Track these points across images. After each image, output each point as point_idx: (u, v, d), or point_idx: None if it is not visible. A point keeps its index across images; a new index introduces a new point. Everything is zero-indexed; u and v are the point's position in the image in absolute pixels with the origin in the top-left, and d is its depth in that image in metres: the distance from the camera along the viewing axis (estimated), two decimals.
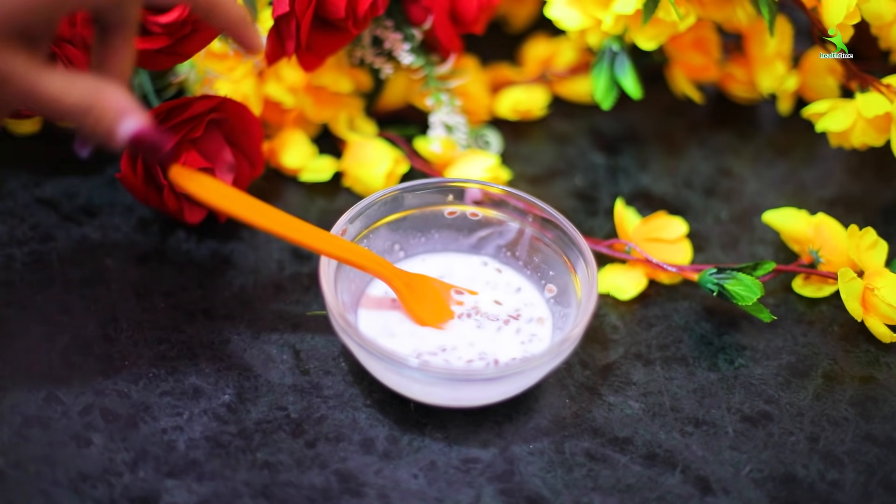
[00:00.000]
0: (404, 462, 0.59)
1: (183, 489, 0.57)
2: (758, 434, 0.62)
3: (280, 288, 0.68)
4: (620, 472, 0.60)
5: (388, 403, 0.62)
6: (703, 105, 0.83)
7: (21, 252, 0.69)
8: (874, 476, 0.60)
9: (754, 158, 0.82)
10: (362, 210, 0.65)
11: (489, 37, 0.83)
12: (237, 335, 0.65)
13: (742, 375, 0.65)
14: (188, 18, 0.58)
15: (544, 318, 0.65)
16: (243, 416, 0.61)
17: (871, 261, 0.66)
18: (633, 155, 0.81)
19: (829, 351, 0.67)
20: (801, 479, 0.60)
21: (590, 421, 0.62)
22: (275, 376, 0.63)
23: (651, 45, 0.72)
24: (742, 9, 0.73)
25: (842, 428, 0.63)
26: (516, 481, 0.59)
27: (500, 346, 0.63)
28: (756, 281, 0.65)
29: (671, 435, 0.62)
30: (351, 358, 0.64)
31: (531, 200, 0.66)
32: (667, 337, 0.68)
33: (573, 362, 0.65)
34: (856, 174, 0.80)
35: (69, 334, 0.64)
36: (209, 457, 0.59)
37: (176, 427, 0.60)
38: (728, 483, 0.59)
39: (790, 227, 0.71)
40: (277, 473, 0.58)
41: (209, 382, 0.62)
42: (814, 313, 0.70)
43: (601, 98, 0.74)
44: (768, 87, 0.79)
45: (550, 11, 0.73)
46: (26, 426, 0.59)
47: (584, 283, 0.63)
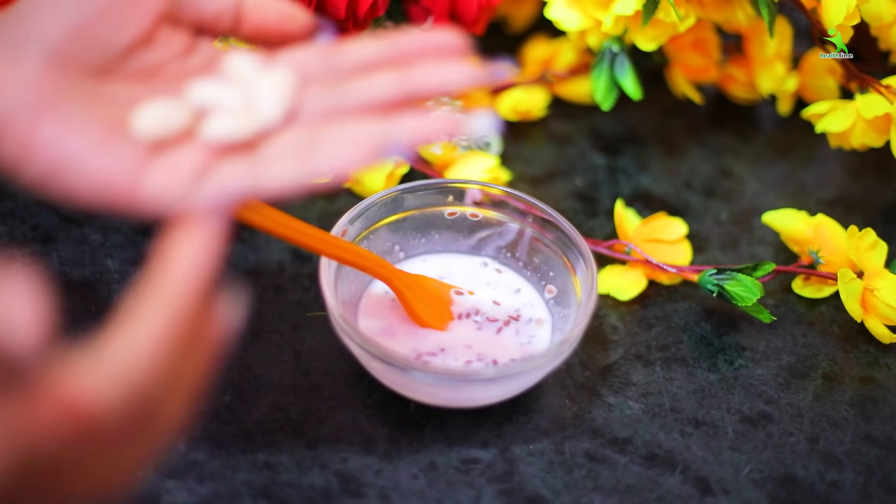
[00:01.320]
0: (404, 462, 0.59)
1: (183, 490, 0.57)
2: (757, 435, 0.62)
3: (280, 289, 0.68)
4: (620, 473, 0.60)
5: (389, 404, 0.62)
6: (702, 106, 0.83)
7: (21, 253, 0.68)
8: (874, 477, 0.60)
9: (754, 159, 0.81)
10: (362, 211, 0.65)
11: (489, 37, 0.83)
12: (237, 336, 0.65)
13: (742, 376, 0.65)
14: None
15: (544, 318, 0.65)
16: (244, 416, 0.61)
17: (871, 262, 0.66)
18: (633, 156, 0.81)
19: (828, 352, 0.67)
20: (801, 480, 0.60)
21: (590, 421, 0.62)
22: (275, 377, 0.63)
23: (651, 47, 0.72)
24: (742, 10, 0.73)
25: (841, 428, 0.63)
26: (516, 482, 0.59)
27: (499, 346, 0.63)
28: (756, 282, 0.65)
29: (671, 435, 0.62)
30: (351, 358, 0.64)
31: (531, 201, 0.66)
32: (667, 338, 0.68)
33: (573, 363, 0.65)
34: (856, 175, 0.80)
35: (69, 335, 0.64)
36: (209, 457, 0.59)
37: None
38: (728, 484, 0.59)
39: (790, 228, 0.71)
40: (278, 474, 0.58)
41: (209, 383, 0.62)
42: (813, 314, 0.70)
43: (601, 99, 0.74)
44: (768, 88, 0.79)
45: (550, 12, 0.73)
46: None
47: (583, 284, 0.63)
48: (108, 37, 0.47)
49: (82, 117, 0.45)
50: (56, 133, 0.44)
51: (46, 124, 0.44)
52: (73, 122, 0.44)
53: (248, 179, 0.45)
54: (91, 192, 0.44)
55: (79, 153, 0.44)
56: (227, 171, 0.45)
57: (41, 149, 0.44)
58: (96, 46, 0.46)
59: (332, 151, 0.45)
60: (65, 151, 0.44)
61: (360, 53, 0.48)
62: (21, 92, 0.44)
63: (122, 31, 0.47)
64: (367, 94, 0.47)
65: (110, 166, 0.44)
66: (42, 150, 0.44)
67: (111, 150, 0.44)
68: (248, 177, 0.45)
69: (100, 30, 0.46)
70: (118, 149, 0.44)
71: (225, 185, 0.44)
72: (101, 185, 0.44)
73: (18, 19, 0.46)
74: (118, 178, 0.44)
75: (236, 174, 0.45)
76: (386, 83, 0.47)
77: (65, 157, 0.44)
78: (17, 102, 0.44)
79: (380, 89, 0.47)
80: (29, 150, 0.44)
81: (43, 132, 0.44)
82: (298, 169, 0.45)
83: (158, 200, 0.44)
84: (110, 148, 0.44)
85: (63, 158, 0.44)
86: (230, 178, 0.45)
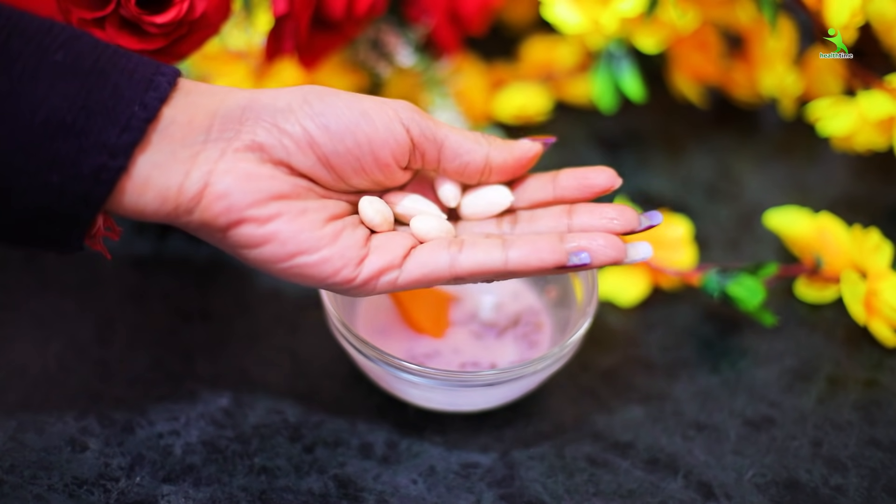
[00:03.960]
0: (403, 467, 0.59)
1: (180, 494, 0.57)
2: (760, 438, 0.62)
3: (278, 292, 0.68)
4: (622, 477, 0.59)
5: (387, 407, 0.62)
6: (704, 106, 0.83)
7: (16, 255, 0.68)
8: (878, 481, 0.60)
9: (756, 160, 0.81)
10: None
11: (489, 37, 0.82)
12: (235, 339, 0.65)
13: (744, 379, 0.65)
14: (184, 20, 0.58)
15: (544, 322, 0.65)
16: (241, 420, 0.61)
17: (875, 263, 0.66)
18: (634, 156, 0.81)
19: (832, 355, 0.67)
20: (805, 484, 0.60)
21: (591, 425, 0.62)
22: (272, 380, 0.63)
23: (652, 48, 0.72)
24: (744, 10, 0.73)
25: (845, 432, 0.62)
26: (516, 486, 0.58)
27: (499, 351, 0.63)
28: (758, 284, 0.65)
29: (673, 439, 0.61)
30: (349, 362, 0.63)
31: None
32: (668, 340, 0.67)
33: (574, 366, 0.64)
34: (859, 176, 0.80)
35: (65, 338, 0.64)
36: (206, 462, 0.58)
37: (172, 432, 0.60)
38: (730, 488, 0.59)
39: (792, 230, 0.71)
40: (275, 479, 0.58)
41: (206, 387, 0.62)
42: (817, 317, 0.69)
43: (602, 100, 0.74)
44: (771, 89, 0.79)
45: (552, 13, 0.73)
46: (21, 431, 0.59)
47: (584, 287, 0.62)
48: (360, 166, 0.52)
49: (315, 213, 0.51)
50: (291, 224, 0.50)
51: (284, 216, 0.50)
52: (307, 214, 0.50)
53: (445, 259, 0.52)
54: (313, 275, 0.51)
55: (310, 244, 0.50)
56: (429, 250, 0.52)
57: (274, 237, 0.49)
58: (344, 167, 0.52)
59: (518, 247, 0.52)
60: (298, 242, 0.50)
61: (533, 195, 0.57)
62: (268, 182, 0.50)
63: (374, 171, 0.53)
64: (546, 226, 0.55)
65: (335, 253, 0.51)
66: (276, 240, 0.50)
67: (338, 240, 0.51)
68: (446, 258, 0.52)
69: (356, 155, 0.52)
70: (344, 240, 0.51)
71: (427, 263, 0.52)
72: (325, 269, 0.50)
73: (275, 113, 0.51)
74: (340, 263, 0.51)
75: (437, 255, 0.52)
76: (556, 222, 0.55)
77: (297, 247, 0.50)
78: (262, 194, 0.49)
79: (553, 225, 0.55)
80: (263, 239, 0.49)
81: (279, 223, 0.50)
82: (488, 257, 0.52)
83: (370, 281, 0.51)
84: (337, 238, 0.51)
85: (296, 248, 0.50)
86: (431, 257, 0.52)
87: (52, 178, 0.46)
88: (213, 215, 0.49)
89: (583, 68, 0.82)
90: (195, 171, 0.48)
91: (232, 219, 0.49)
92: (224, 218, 0.49)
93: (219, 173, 0.48)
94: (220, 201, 0.48)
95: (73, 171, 0.46)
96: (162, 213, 0.49)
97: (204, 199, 0.48)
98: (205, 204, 0.49)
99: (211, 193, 0.48)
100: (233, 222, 0.49)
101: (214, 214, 0.49)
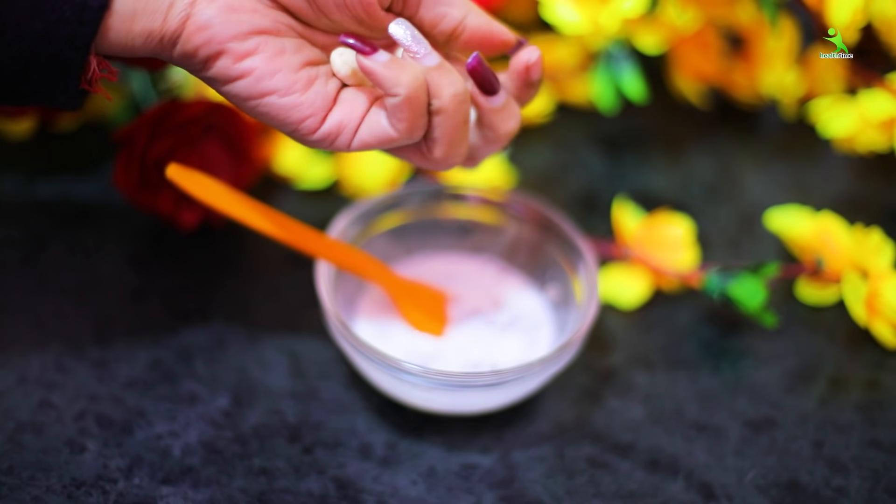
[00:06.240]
0: (403, 468, 0.59)
1: (178, 496, 0.56)
2: (762, 439, 0.62)
3: (277, 292, 0.68)
4: (622, 479, 0.59)
5: (387, 408, 0.61)
6: (705, 107, 0.83)
7: (15, 256, 0.68)
8: (880, 482, 0.60)
9: (757, 160, 0.81)
10: (362, 213, 0.65)
11: None
12: (233, 339, 0.65)
13: (745, 380, 0.65)
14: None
15: (544, 322, 0.65)
16: (240, 421, 0.60)
17: (877, 264, 0.66)
18: (634, 157, 0.81)
19: (833, 355, 0.67)
20: (806, 486, 0.59)
21: (591, 426, 0.62)
22: (272, 381, 0.63)
23: (653, 48, 0.72)
24: (744, 10, 0.73)
25: (847, 433, 0.62)
26: (517, 488, 0.58)
27: (499, 351, 0.63)
28: (759, 285, 0.65)
29: (674, 440, 0.61)
30: (348, 362, 0.63)
31: (532, 203, 0.66)
32: (669, 341, 0.67)
33: (574, 367, 0.64)
34: (860, 176, 0.80)
35: (63, 338, 0.64)
36: (205, 463, 0.58)
37: (171, 433, 0.59)
38: (731, 489, 0.59)
39: (793, 230, 0.70)
40: (274, 480, 0.58)
41: (205, 387, 0.62)
42: (818, 317, 0.69)
43: (603, 101, 0.73)
44: (771, 89, 0.79)
45: (552, 13, 0.73)
46: (19, 432, 0.59)
47: (585, 287, 0.62)
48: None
49: (292, 54, 0.51)
50: (268, 63, 0.50)
51: (261, 53, 0.50)
52: (284, 55, 0.50)
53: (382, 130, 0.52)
54: (279, 118, 0.51)
55: (282, 86, 0.50)
56: (375, 118, 0.52)
57: (249, 73, 0.50)
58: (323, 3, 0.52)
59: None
60: (272, 82, 0.50)
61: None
62: (249, 16, 0.50)
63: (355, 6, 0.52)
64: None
65: (306, 101, 0.51)
66: (251, 76, 0.50)
67: (310, 88, 0.51)
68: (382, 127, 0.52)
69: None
70: (316, 88, 0.51)
71: (373, 131, 0.52)
72: (293, 114, 0.51)
73: None
74: (309, 111, 0.51)
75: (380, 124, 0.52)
76: None
77: (270, 86, 0.50)
78: (243, 27, 0.49)
79: None
80: (239, 74, 0.50)
81: (256, 60, 0.50)
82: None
83: (329, 136, 0.51)
84: (310, 86, 0.51)
85: (268, 87, 0.50)
86: (377, 126, 0.52)
87: (36, 26, 0.46)
88: (194, 47, 0.49)
89: (583, 68, 0.81)
90: (179, 2, 0.49)
91: (212, 51, 0.49)
92: (204, 50, 0.49)
93: (201, 3, 0.49)
94: (201, 33, 0.49)
95: (55, 16, 0.46)
96: (149, 47, 0.49)
97: (185, 31, 0.49)
98: (185, 35, 0.49)
99: (192, 24, 0.49)
100: (213, 55, 0.49)
101: (195, 46, 0.49)
